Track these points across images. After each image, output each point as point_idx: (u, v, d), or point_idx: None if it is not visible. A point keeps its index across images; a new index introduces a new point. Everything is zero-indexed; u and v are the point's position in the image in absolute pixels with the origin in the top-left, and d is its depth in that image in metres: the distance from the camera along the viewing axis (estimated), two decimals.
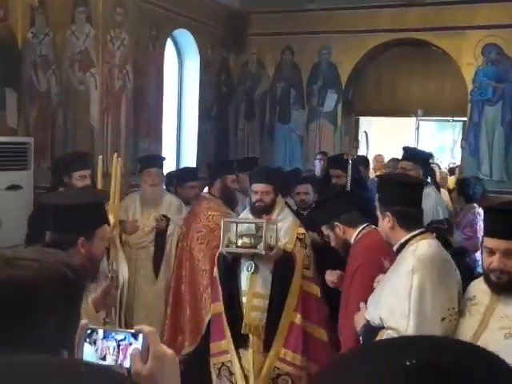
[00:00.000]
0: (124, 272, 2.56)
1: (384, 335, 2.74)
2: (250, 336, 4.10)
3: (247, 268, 4.12)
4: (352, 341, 3.21)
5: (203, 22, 8.39)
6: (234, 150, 9.02)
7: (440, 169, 9.34)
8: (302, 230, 4.34)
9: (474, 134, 7.85)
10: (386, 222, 2.96)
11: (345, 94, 8.69)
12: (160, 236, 5.22)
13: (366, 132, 9.51)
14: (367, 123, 9.73)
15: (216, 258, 4.28)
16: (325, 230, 3.79)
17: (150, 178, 5.24)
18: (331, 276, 3.73)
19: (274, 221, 4.15)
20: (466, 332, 2.61)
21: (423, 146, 12.36)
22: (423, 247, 2.83)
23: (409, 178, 4.06)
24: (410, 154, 5.37)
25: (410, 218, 2.95)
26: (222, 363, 4.20)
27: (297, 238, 4.26)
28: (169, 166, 7.78)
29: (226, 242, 4.12)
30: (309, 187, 5.18)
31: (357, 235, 3.57)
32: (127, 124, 6.79)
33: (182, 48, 8.49)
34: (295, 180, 5.52)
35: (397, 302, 2.76)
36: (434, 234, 3.07)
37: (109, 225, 2.51)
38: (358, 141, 8.85)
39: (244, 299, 4.14)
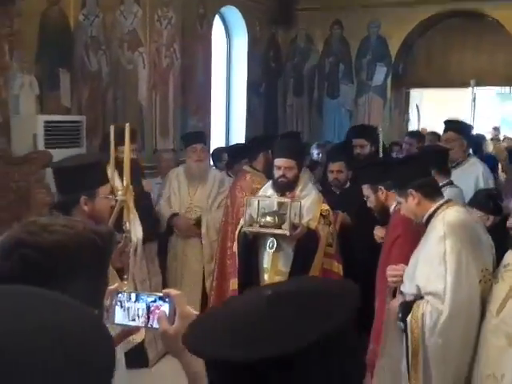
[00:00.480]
0: (137, 232, 2.74)
1: (423, 303, 2.79)
2: None
3: (269, 245, 4.00)
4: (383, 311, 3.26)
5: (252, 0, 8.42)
6: (283, 126, 9.06)
7: (498, 141, 9.11)
8: (325, 207, 4.17)
9: None
10: (410, 201, 2.98)
11: (394, 67, 8.60)
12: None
13: (417, 105, 9.38)
14: (418, 96, 9.56)
15: (236, 234, 4.18)
16: (365, 189, 3.78)
17: (196, 154, 5.30)
18: (380, 232, 3.73)
19: (297, 197, 4.04)
20: (497, 296, 2.68)
21: (481, 119, 12.10)
22: (452, 213, 2.88)
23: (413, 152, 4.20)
24: (453, 124, 5.29)
25: (432, 187, 3.03)
26: None
27: (320, 214, 4.09)
28: (218, 143, 7.92)
29: (248, 219, 4.00)
30: (342, 165, 4.92)
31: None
32: (175, 101, 6.94)
33: (230, 25, 8.55)
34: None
35: (431, 268, 2.81)
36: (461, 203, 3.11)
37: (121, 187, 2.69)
38: (408, 114, 8.75)
39: (266, 276, 4.03)
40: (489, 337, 2.68)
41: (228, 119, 8.70)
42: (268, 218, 3.91)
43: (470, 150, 5.46)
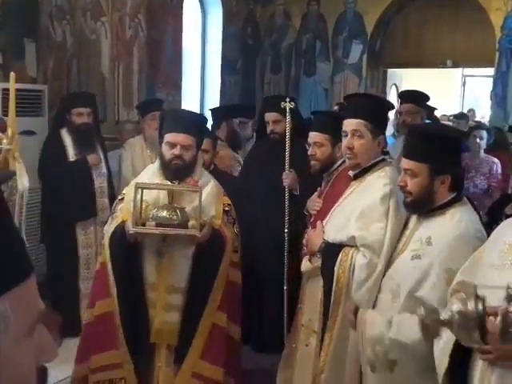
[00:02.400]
0: (24, 181, 2.74)
1: (353, 253, 2.81)
2: (157, 346, 3.09)
3: (157, 252, 3.01)
4: None
5: None
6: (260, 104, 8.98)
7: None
8: (227, 200, 3.28)
9: (501, 84, 7.51)
10: (376, 144, 2.97)
11: (371, 44, 8.46)
12: None
13: (395, 84, 9.23)
14: (399, 76, 9.40)
15: (109, 236, 3.05)
16: (320, 138, 3.45)
17: (156, 122, 5.05)
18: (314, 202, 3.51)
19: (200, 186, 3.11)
20: (394, 255, 2.72)
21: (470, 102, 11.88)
22: (392, 172, 2.95)
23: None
24: (414, 96, 5.15)
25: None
26: (110, 380, 3.07)
27: (223, 210, 3.22)
28: None
29: (136, 216, 2.92)
30: (208, 143, 3.96)
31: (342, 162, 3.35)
32: (140, 73, 6.90)
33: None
34: None
35: (372, 222, 2.82)
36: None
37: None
38: (385, 93, 8.61)
39: (152, 295, 3.03)
40: (379, 294, 2.69)
41: (203, 94, 8.63)
42: (165, 213, 2.93)
43: None
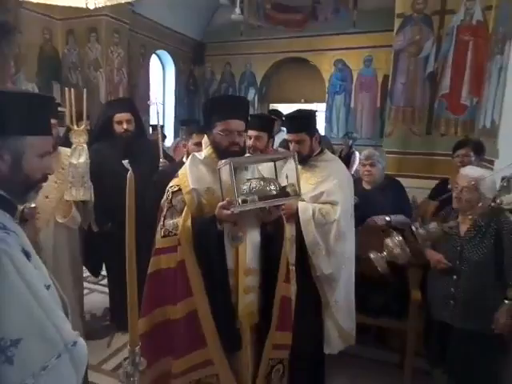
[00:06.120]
0: (81, 158, 2.50)
1: None
2: (242, 330, 1.90)
3: (233, 237, 1.78)
4: None
5: (177, 47, 8.92)
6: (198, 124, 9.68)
7: None
8: None
9: (329, 111, 8.51)
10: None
11: (259, 89, 9.23)
12: None
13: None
14: (278, 108, 10.32)
15: (190, 231, 1.79)
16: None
17: None
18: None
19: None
20: None
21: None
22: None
23: None
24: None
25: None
26: (197, 380, 1.87)
27: None
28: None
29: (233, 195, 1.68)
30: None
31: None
32: None
33: (163, 61, 9.02)
34: None
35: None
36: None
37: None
38: None
39: (231, 281, 1.84)
40: None
41: (164, 120, 9.30)
42: (263, 186, 1.72)
43: None
